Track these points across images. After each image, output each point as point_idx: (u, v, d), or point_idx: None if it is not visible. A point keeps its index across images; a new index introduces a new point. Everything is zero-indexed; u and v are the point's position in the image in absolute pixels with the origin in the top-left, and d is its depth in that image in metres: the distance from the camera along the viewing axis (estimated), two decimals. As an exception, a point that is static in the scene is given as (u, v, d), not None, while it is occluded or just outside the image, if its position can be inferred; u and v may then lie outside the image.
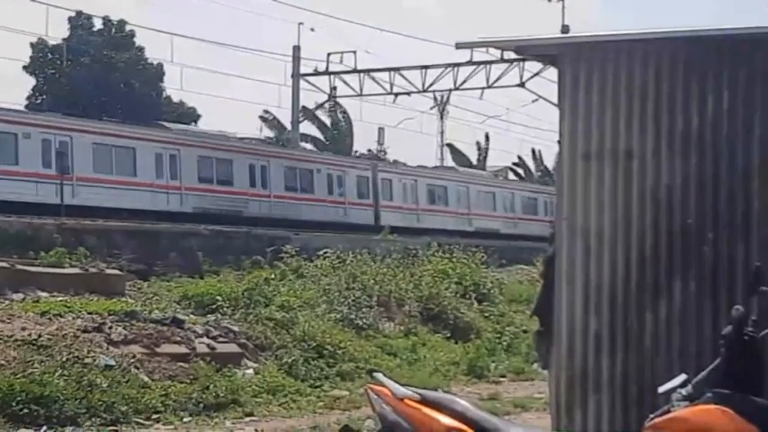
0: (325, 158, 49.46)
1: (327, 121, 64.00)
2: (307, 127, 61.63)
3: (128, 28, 58.10)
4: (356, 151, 63.62)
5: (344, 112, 63.14)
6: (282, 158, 45.50)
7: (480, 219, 53.65)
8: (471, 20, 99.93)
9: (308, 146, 60.58)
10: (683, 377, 6.49)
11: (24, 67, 57.70)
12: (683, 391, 6.36)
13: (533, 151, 74.09)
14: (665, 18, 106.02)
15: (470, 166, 68.83)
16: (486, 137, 70.79)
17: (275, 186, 43.66)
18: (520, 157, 74.29)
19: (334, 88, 52.43)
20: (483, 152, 71.98)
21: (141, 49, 58.61)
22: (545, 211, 55.28)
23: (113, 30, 58.14)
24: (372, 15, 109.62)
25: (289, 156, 46.80)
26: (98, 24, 58.35)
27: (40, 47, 56.88)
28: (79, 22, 57.13)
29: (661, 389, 6.57)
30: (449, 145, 71.16)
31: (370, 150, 64.84)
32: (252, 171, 42.70)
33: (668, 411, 6.37)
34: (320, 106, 56.93)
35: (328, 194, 46.15)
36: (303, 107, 55.81)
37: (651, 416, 6.52)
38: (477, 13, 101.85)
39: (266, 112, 61.83)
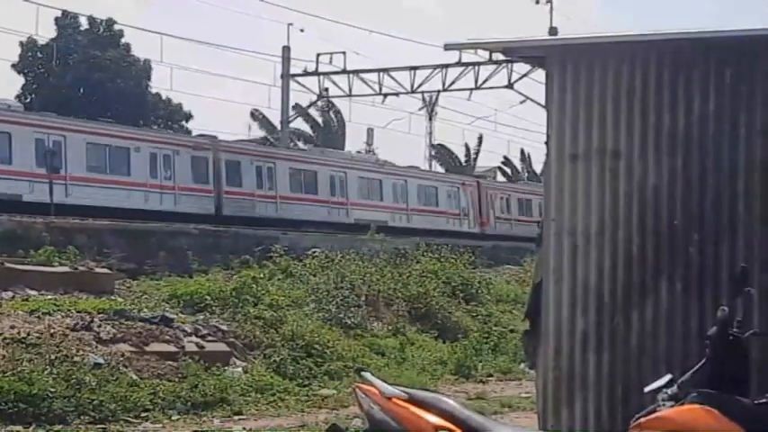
0: (147, 134, 41.52)
1: (320, 121, 63.87)
2: (302, 125, 61.64)
3: (116, 27, 57.99)
4: (349, 151, 63.59)
5: (338, 111, 63.10)
6: (84, 133, 37.27)
7: (361, 209, 46.37)
8: (471, 20, 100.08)
9: (301, 145, 60.51)
10: (668, 377, 6.54)
11: (13, 66, 57.61)
12: (669, 391, 6.41)
13: (522, 152, 74.21)
14: (664, 19, 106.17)
15: (459, 166, 68.86)
16: (480, 139, 70.89)
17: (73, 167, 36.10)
18: (506, 158, 74.40)
19: (326, 89, 52.37)
20: (474, 153, 71.96)
21: (129, 49, 58.49)
22: (451, 202, 52.08)
23: (101, 29, 58.00)
24: (372, 16, 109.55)
25: (91, 130, 37.98)
26: (85, 24, 58.24)
27: (29, 46, 56.76)
28: (66, 21, 57.00)
29: (647, 389, 6.62)
30: (439, 145, 71.20)
31: (359, 152, 64.76)
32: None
33: (654, 411, 6.42)
34: (311, 105, 56.81)
35: (151, 178, 38.37)
36: (297, 104, 55.79)
37: (637, 416, 6.56)
38: (476, 14, 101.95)
39: (256, 110, 61.77)
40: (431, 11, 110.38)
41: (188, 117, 60.49)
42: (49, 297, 18.46)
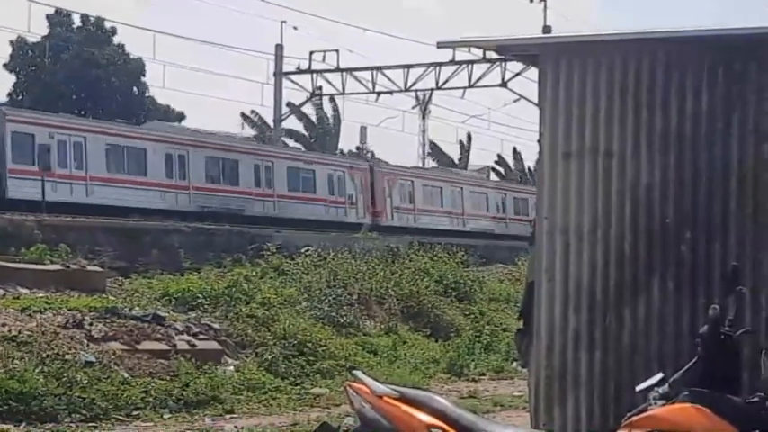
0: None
1: (314, 118, 63.78)
2: (292, 125, 61.56)
3: (108, 25, 57.98)
4: (341, 149, 63.53)
5: (336, 109, 62.99)
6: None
7: (208, 195, 40.57)
8: (470, 20, 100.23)
9: (293, 143, 60.45)
10: (660, 376, 6.53)
11: (5, 65, 57.58)
12: (661, 390, 6.40)
13: (514, 150, 74.26)
14: (664, 19, 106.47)
15: (453, 165, 68.85)
16: (469, 137, 70.86)
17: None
18: (500, 156, 74.42)
19: (319, 87, 52.40)
20: (466, 151, 71.96)
21: (122, 47, 58.46)
22: (332, 188, 46.31)
23: (93, 27, 57.95)
24: (373, 15, 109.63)
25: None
26: (77, 22, 58.18)
27: (20, 44, 56.70)
28: (58, 19, 56.95)
29: (638, 387, 6.61)
30: (432, 143, 71.22)
31: (350, 151, 64.70)
32: None
33: (646, 410, 6.41)
34: (304, 103, 56.76)
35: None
36: (290, 103, 55.75)
37: (629, 414, 6.56)
38: (476, 14, 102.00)
39: (252, 112, 61.69)
40: (431, 11, 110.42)
41: (180, 117, 60.45)
42: (41, 295, 18.41)
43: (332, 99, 59.73)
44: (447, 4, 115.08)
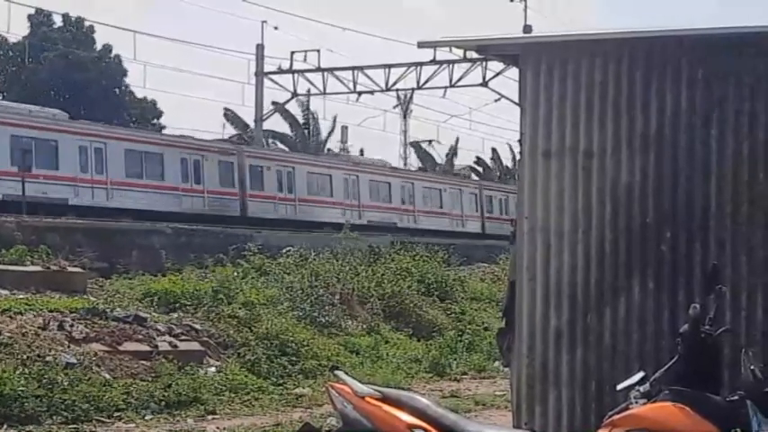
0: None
1: (300, 118, 63.66)
2: (275, 125, 61.45)
3: (87, 24, 57.79)
4: (329, 149, 63.42)
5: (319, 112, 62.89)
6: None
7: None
8: (471, 21, 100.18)
9: (279, 144, 60.32)
10: (641, 375, 6.57)
11: (-16, 66, 57.42)
12: (641, 389, 6.44)
13: (493, 150, 74.39)
14: (663, 20, 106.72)
15: (435, 165, 68.90)
16: (457, 140, 70.99)
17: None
18: (479, 157, 74.58)
19: (308, 90, 52.54)
20: (451, 151, 71.98)
21: (103, 47, 58.28)
22: (185, 175, 41.20)
23: (74, 27, 57.77)
24: (373, 16, 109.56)
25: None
26: (58, 22, 57.99)
27: (0, 44, 56.48)
28: (39, 19, 56.75)
29: (620, 386, 6.65)
30: (413, 143, 71.21)
31: (329, 150, 64.65)
32: None
33: (627, 409, 6.45)
34: (287, 102, 56.64)
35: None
36: (274, 102, 55.70)
37: (610, 413, 6.59)
38: (476, 15, 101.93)
39: (229, 110, 61.56)
40: (430, 11, 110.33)
41: (159, 115, 60.36)
42: (21, 296, 18.31)
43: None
44: (447, 5, 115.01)
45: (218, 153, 43.01)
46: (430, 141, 64.47)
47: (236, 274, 22.57)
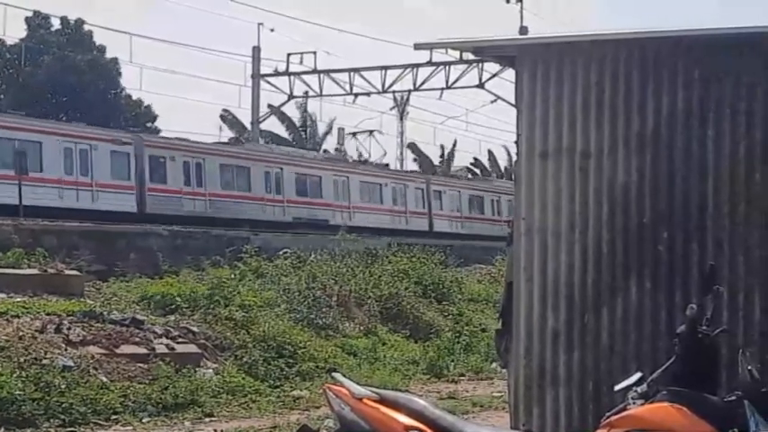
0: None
1: (297, 120, 63.61)
2: (272, 127, 61.45)
3: (86, 28, 57.77)
4: (326, 150, 63.41)
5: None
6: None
7: None
8: (471, 21, 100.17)
9: (273, 146, 60.28)
10: (638, 375, 6.56)
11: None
12: (639, 390, 6.43)
13: (489, 152, 74.43)
14: (664, 21, 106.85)
15: (432, 166, 68.91)
16: (454, 142, 70.98)
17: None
18: (476, 158, 74.60)
19: (306, 92, 52.59)
20: (447, 154, 72.02)
21: (100, 49, 58.25)
22: (68, 168, 37.48)
23: (71, 30, 57.75)
24: (371, 17, 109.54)
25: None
26: (56, 24, 57.98)
27: (-4, 47, 56.53)
28: (37, 21, 56.74)
29: (617, 387, 6.64)
30: (411, 144, 71.25)
31: (326, 150, 64.62)
32: None
33: (624, 409, 6.44)
34: (283, 104, 56.65)
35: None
36: (271, 105, 55.69)
37: (607, 414, 6.58)
38: (473, 15, 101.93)
39: (227, 112, 61.56)
40: (430, 11, 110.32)
41: (154, 118, 60.37)
42: (18, 299, 18.29)
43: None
44: (447, 5, 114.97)
45: (111, 142, 38.65)
46: (371, 132, 59.80)
47: (233, 276, 22.56)
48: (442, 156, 71.90)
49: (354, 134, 59.53)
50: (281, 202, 44.43)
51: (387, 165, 56.01)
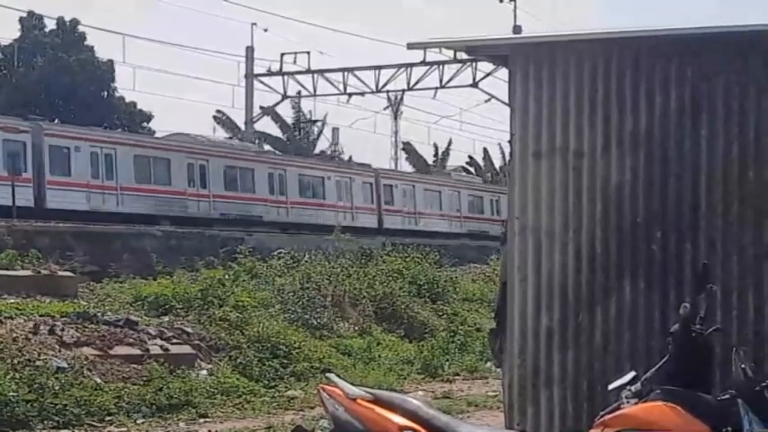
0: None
1: (291, 120, 63.56)
2: (266, 128, 61.36)
3: (80, 29, 57.68)
4: (322, 151, 63.37)
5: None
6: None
7: None
8: (468, 22, 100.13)
9: (267, 146, 60.22)
10: (632, 374, 6.56)
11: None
12: (633, 389, 6.43)
13: (485, 151, 74.42)
14: (663, 20, 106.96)
15: (426, 166, 68.90)
16: (450, 141, 70.96)
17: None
18: (471, 157, 74.59)
19: (298, 92, 52.52)
20: (442, 153, 72.00)
21: (93, 50, 58.17)
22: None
23: (66, 30, 57.67)
24: (367, 16, 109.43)
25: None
26: (50, 25, 57.93)
27: (-11, 47, 56.42)
28: (32, 22, 56.65)
29: (611, 386, 6.63)
30: (405, 144, 71.24)
31: (323, 151, 64.62)
32: None
33: (618, 408, 6.44)
34: (277, 104, 56.60)
35: None
36: (264, 107, 55.61)
37: (601, 413, 6.58)
38: (469, 15, 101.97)
39: (220, 112, 61.49)
40: (430, 11, 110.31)
41: (149, 119, 60.29)
42: (12, 301, 18.25)
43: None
44: (446, 5, 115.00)
45: (2, 130, 35.27)
46: (314, 122, 57.89)
47: (227, 276, 22.55)
48: (436, 155, 71.86)
49: (305, 122, 57.01)
50: (206, 197, 41.42)
51: (336, 157, 53.46)
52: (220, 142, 46.79)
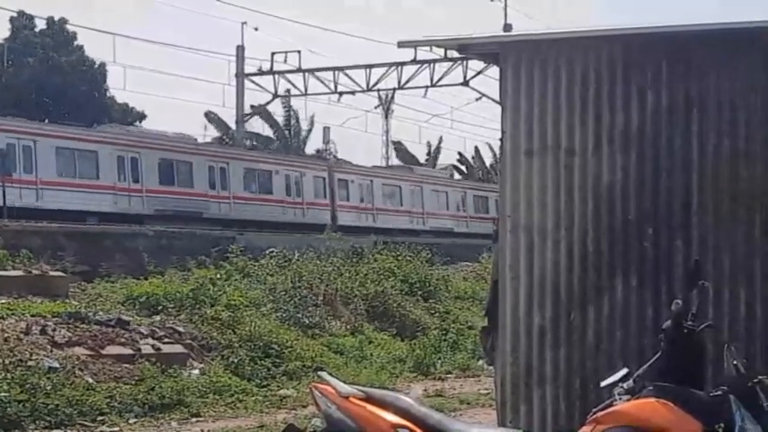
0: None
1: (281, 120, 63.50)
2: (257, 127, 61.24)
3: (69, 29, 57.56)
4: (318, 150, 63.25)
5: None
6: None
7: None
8: (470, 21, 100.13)
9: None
10: (624, 371, 6.58)
11: (-37, 68, 57.01)
12: (625, 385, 6.44)
13: (476, 149, 74.41)
14: (662, 20, 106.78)
15: (418, 164, 68.88)
16: (440, 139, 70.93)
17: None
18: (461, 154, 74.55)
19: (288, 90, 52.36)
20: (433, 151, 71.97)
21: (80, 50, 58.02)
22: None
23: (56, 31, 57.55)
24: (369, 16, 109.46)
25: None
26: (41, 25, 57.78)
27: (-22, 48, 56.22)
28: (22, 22, 56.52)
29: (603, 383, 6.65)
30: (396, 143, 71.20)
31: (318, 150, 64.54)
32: None
33: (610, 405, 6.45)
34: (268, 104, 56.49)
35: None
36: (255, 105, 55.51)
37: (594, 410, 6.59)
38: (473, 14, 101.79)
39: (211, 112, 61.37)
40: (429, 11, 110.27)
41: (141, 118, 60.16)
42: (3, 301, 18.23)
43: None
44: (445, 5, 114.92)
45: None
46: (259, 114, 52.66)
47: (218, 275, 22.54)
48: (428, 153, 71.83)
49: (245, 116, 53.11)
50: (138, 192, 38.88)
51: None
52: (155, 134, 42.87)
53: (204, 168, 41.34)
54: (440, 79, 47.89)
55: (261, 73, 51.29)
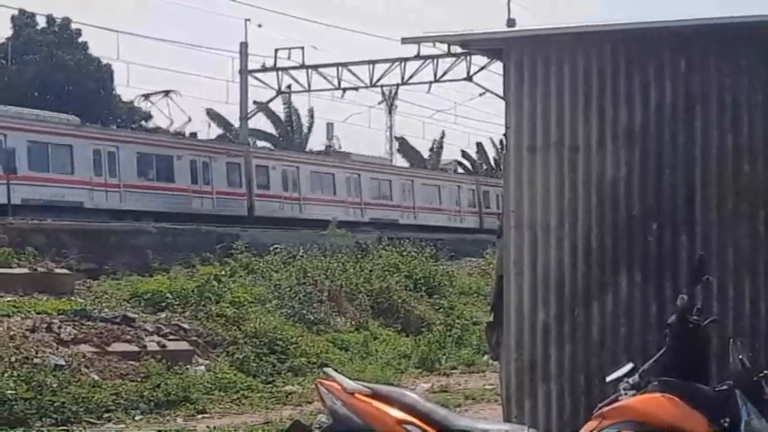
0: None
1: (282, 116, 63.46)
2: (259, 124, 61.24)
3: (73, 26, 57.56)
4: (328, 146, 63.19)
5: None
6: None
7: None
8: (469, 21, 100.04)
9: (262, 143, 60.07)
10: (630, 366, 6.58)
11: (-33, 67, 57.04)
12: (630, 380, 6.45)
13: (478, 145, 74.35)
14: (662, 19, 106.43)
15: (422, 160, 68.83)
16: (443, 135, 70.85)
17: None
18: (464, 151, 74.53)
19: (289, 86, 52.31)
20: (436, 147, 71.93)
21: (84, 48, 58.01)
22: None
23: (58, 28, 57.56)
24: (369, 16, 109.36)
25: None
26: (42, 23, 57.78)
27: (-19, 45, 56.25)
28: (24, 20, 56.53)
29: (609, 378, 6.65)
30: (400, 139, 71.16)
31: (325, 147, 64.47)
32: None
33: (616, 400, 6.46)
34: (271, 101, 56.48)
35: None
36: (259, 102, 55.52)
37: (599, 405, 6.60)
38: (472, 14, 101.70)
39: (211, 109, 61.36)
40: (430, 11, 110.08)
41: (147, 118, 60.16)
42: (8, 299, 18.28)
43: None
44: (447, 5, 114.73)
45: None
46: (167, 93, 45.53)
47: (223, 272, 22.57)
48: (432, 149, 71.80)
49: (147, 96, 48.11)
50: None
51: (193, 134, 45.39)
52: (27, 114, 36.93)
53: (88, 153, 36.65)
54: (443, 75, 47.83)
55: (264, 69, 51.26)
